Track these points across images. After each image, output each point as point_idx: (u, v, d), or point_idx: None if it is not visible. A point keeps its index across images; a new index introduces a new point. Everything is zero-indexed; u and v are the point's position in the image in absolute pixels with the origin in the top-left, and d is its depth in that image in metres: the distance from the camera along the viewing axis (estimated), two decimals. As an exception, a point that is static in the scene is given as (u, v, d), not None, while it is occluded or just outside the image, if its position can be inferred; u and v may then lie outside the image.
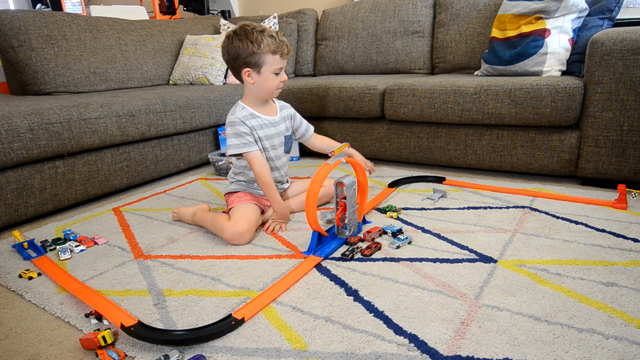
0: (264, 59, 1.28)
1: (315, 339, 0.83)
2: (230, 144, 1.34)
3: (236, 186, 1.45)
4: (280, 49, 1.28)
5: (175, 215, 1.48)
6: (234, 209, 1.35)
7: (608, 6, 1.76)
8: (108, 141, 1.69)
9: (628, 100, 1.49)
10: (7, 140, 1.38)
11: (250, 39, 1.26)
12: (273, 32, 1.29)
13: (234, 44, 1.28)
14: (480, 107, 1.73)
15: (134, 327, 0.85)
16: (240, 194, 1.41)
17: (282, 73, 1.33)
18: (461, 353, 0.77)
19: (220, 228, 1.29)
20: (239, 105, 1.38)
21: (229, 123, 1.35)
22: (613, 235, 1.21)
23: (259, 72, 1.30)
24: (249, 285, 1.04)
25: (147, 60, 2.53)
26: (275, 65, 1.29)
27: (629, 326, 0.82)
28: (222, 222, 1.29)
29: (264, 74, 1.30)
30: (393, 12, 2.51)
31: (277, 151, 1.44)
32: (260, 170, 1.34)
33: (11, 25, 1.99)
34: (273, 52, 1.27)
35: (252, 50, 1.26)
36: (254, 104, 1.38)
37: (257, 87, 1.33)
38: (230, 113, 1.38)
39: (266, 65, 1.29)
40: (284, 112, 1.47)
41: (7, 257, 1.26)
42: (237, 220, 1.28)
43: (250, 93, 1.37)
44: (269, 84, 1.32)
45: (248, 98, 1.38)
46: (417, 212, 1.47)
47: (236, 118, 1.33)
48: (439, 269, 1.07)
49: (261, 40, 1.26)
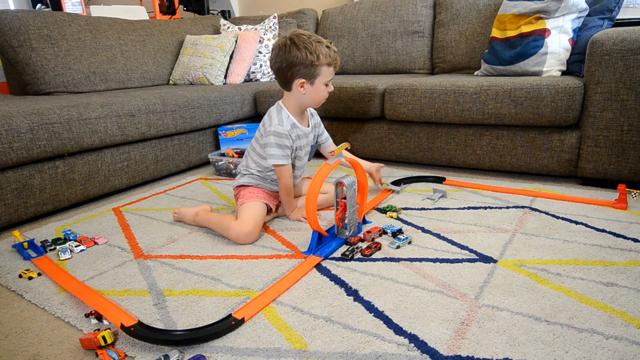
0: (320, 70, 1.25)
1: (315, 339, 0.83)
2: (272, 152, 1.32)
3: (249, 179, 1.42)
4: (335, 61, 1.26)
5: (177, 215, 1.48)
6: (242, 208, 1.34)
7: (608, 6, 1.76)
8: (108, 141, 1.69)
9: (628, 100, 1.49)
10: (7, 140, 1.38)
11: (310, 50, 1.22)
12: (327, 42, 1.26)
13: (292, 53, 1.23)
14: (480, 107, 1.73)
15: (134, 327, 0.85)
16: (252, 188, 1.40)
17: (330, 84, 1.31)
18: (461, 353, 0.77)
19: (227, 227, 1.29)
20: (284, 111, 1.34)
21: (275, 133, 1.30)
22: (613, 235, 1.21)
23: (313, 83, 1.28)
24: (249, 285, 1.04)
25: (147, 60, 2.53)
26: (328, 77, 1.28)
27: (629, 326, 0.82)
28: (229, 222, 1.29)
29: (317, 85, 1.28)
30: (393, 12, 2.51)
31: (303, 160, 1.46)
32: (288, 183, 1.36)
33: (11, 25, 2.00)
34: (329, 65, 1.26)
35: (310, 60, 1.23)
36: (295, 112, 1.36)
37: (307, 97, 1.31)
38: (273, 117, 1.34)
39: (320, 77, 1.27)
40: (312, 120, 1.45)
41: (7, 257, 1.26)
42: (244, 219, 1.28)
43: (296, 101, 1.34)
44: (319, 95, 1.31)
45: (291, 105, 1.35)
46: (417, 212, 1.47)
47: (284, 130, 1.31)
48: (439, 269, 1.07)
49: (320, 51, 1.23)
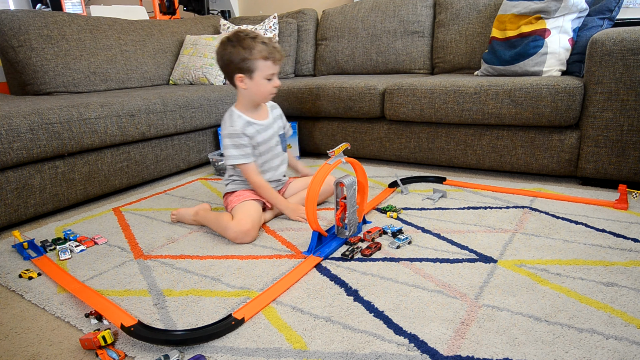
0: (256, 64, 1.30)
1: (315, 339, 0.83)
2: (229, 154, 1.37)
3: (233, 186, 1.45)
4: (272, 55, 1.30)
5: (175, 217, 1.48)
6: (237, 208, 1.35)
7: (608, 6, 1.76)
8: (108, 141, 1.69)
9: (628, 100, 1.49)
10: (7, 140, 1.38)
11: (243, 45, 1.28)
12: (266, 38, 1.31)
13: (227, 50, 1.30)
14: (480, 107, 1.73)
15: (134, 327, 0.85)
16: (239, 192, 1.41)
17: (274, 78, 1.34)
18: (461, 353, 0.77)
19: (224, 227, 1.29)
20: (234, 113, 1.39)
21: (228, 135, 1.36)
22: (613, 235, 1.21)
23: (252, 77, 1.32)
24: (249, 285, 1.04)
25: (147, 60, 2.53)
26: (267, 71, 1.31)
27: (629, 326, 0.82)
28: (226, 221, 1.29)
29: (256, 79, 1.32)
30: (393, 12, 2.51)
31: (274, 151, 1.46)
32: (257, 179, 1.38)
33: (11, 25, 2.00)
34: (265, 58, 1.29)
35: (244, 56, 1.28)
36: (247, 109, 1.40)
37: (250, 92, 1.35)
38: (225, 120, 1.39)
39: (258, 71, 1.31)
40: (275, 112, 1.50)
41: (7, 257, 1.26)
42: (241, 218, 1.28)
43: (243, 98, 1.39)
44: (261, 90, 1.34)
45: (241, 103, 1.40)
46: (417, 212, 1.47)
47: (236, 130, 1.35)
48: (439, 269, 1.07)
49: (253, 46, 1.28)
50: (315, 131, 2.28)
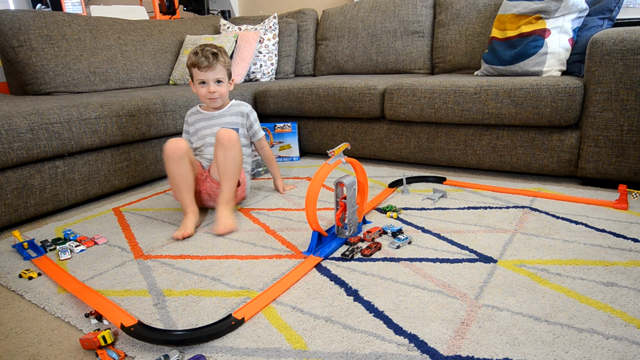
0: (190, 71, 1.52)
1: (315, 339, 0.83)
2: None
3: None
4: (197, 63, 1.47)
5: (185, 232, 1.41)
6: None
7: (608, 6, 1.76)
8: (108, 141, 1.69)
9: (628, 100, 1.49)
10: (7, 140, 1.38)
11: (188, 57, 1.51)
12: (199, 49, 1.48)
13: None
14: (480, 107, 1.73)
15: (134, 327, 0.85)
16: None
17: (208, 84, 1.50)
18: (461, 353, 0.77)
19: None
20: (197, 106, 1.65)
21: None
22: (613, 235, 1.21)
23: (193, 82, 1.55)
24: (249, 285, 1.04)
25: (147, 60, 2.53)
26: (197, 77, 1.50)
27: (629, 326, 0.82)
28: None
29: (195, 84, 1.53)
30: (393, 12, 2.51)
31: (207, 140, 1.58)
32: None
33: (11, 25, 2.00)
34: (192, 65, 1.49)
35: (187, 63, 1.53)
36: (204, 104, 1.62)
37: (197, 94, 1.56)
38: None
39: (194, 77, 1.52)
40: (235, 108, 1.61)
41: (7, 257, 1.26)
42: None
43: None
44: (198, 92, 1.54)
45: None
46: (417, 212, 1.47)
47: (186, 117, 1.66)
48: (439, 269, 1.07)
49: (189, 56, 1.50)
50: (315, 131, 2.28)
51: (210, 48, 1.49)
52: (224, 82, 1.53)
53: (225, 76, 1.53)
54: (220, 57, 1.49)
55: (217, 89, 1.52)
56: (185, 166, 1.41)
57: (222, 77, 1.51)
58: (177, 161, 1.40)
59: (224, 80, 1.53)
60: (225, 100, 1.60)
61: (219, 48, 1.50)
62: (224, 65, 1.51)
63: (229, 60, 1.56)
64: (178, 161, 1.40)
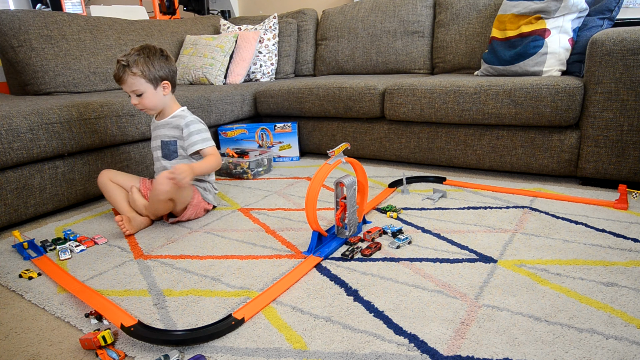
0: None
1: (315, 339, 0.83)
2: None
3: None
4: (114, 76, 1.39)
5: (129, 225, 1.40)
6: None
7: (608, 6, 1.76)
8: (108, 141, 1.69)
9: (628, 100, 1.49)
10: (7, 140, 1.38)
11: None
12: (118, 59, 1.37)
13: None
14: (480, 107, 1.74)
15: (134, 327, 0.85)
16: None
17: (132, 96, 1.41)
18: (461, 353, 0.77)
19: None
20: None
21: None
22: (613, 235, 1.21)
23: None
24: (249, 285, 1.04)
25: (147, 60, 2.53)
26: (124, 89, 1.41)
27: (629, 326, 0.82)
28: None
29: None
30: (393, 12, 2.51)
31: (157, 153, 1.53)
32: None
33: (11, 25, 1.99)
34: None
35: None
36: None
37: None
38: None
39: None
40: (175, 121, 1.48)
41: (7, 257, 1.26)
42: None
43: None
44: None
45: None
46: (417, 212, 1.47)
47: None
48: (439, 269, 1.07)
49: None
50: (315, 131, 2.28)
51: (124, 58, 1.36)
52: (147, 91, 1.38)
53: (145, 86, 1.37)
54: (133, 68, 1.35)
55: (140, 101, 1.39)
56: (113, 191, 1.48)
57: (139, 89, 1.37)
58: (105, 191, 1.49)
59: (146, 90, 1.38)
60: (160, 109, 1.47)
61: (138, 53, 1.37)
62: (141, 74, 1.36)
63: (154, 66, 1.38)
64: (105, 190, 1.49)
